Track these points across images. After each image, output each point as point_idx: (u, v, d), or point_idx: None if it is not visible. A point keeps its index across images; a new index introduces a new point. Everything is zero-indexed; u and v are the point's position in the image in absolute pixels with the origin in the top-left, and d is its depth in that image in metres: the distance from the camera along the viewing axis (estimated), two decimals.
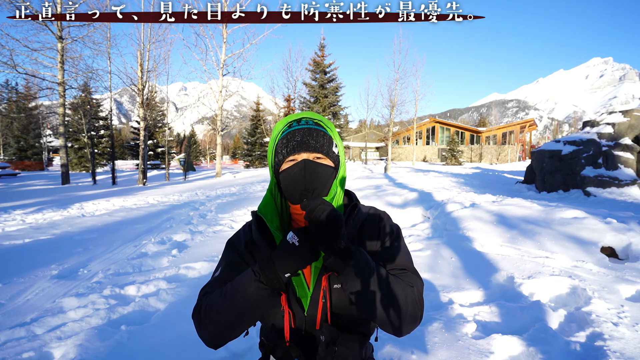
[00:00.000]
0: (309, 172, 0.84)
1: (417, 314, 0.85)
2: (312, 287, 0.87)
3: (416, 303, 0.85)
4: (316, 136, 0.88)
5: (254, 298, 0.79)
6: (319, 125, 0.92)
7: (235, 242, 0.97)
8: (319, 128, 0.90)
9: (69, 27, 14.17)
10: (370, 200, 6.93)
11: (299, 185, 0.85)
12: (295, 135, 0.87)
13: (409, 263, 0.92)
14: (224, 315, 0.82)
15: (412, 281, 0.87)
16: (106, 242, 4.55)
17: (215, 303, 0.84)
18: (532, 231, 3.92)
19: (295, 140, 0.87)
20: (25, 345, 2.03)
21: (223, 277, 0.91)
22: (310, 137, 0.87)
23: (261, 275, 0.77)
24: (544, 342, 1.95)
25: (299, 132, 0.88)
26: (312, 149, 0.86)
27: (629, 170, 8.64)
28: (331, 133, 0.93)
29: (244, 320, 0.82)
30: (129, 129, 57.64)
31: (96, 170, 22.28)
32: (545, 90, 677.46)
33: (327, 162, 0.88)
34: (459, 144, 34.70)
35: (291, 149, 0.86)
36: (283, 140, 0.89)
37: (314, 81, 29.70)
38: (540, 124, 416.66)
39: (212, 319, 0.83)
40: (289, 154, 0.86)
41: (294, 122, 0.91)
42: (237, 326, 0.83)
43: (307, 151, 0.86)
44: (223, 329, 0.83)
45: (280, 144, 0.89)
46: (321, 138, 0.88)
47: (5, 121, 33.32)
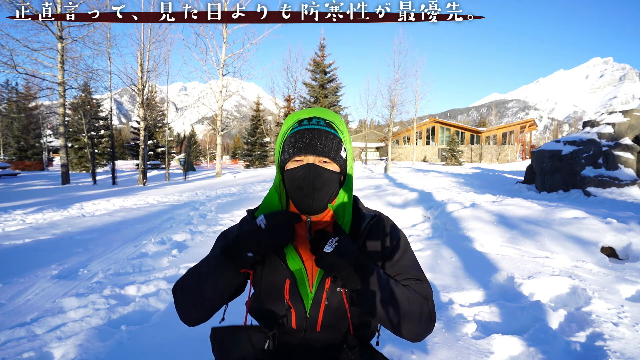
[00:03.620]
0: (312, 176, 0.84)
1: (430, 326, 0.87)
2: (315, 289, 0.87)
3: (429, 316, 0.86)
4: (325, 139, 0.85)
5: (217, 271, 0.83)
6: (330, 126, 0.89)
7: (228, 233, 0.99)
8: (329, 130, 0.87)
9: (69, 27, 14.17)
10: (371, 201, 6.93)
11: (302, 189, 0.85)
12: (304, 135, 0.85)
13: (421, 274, 0.92)
14: (192, 287, 0.87)
15: (427, 294, 0.88)
16: (106, 242, 4.55)
17: (187, 277, 0.89)
18: (532, 231, 3.92)
19: (303, 142, 0.85)
20: (25, 345, 2.03)
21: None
22: (319, 140, 0.85)
23: (224, 250, 0.83)
24: (544, 342, 1.95)
25: (308, 132, 0.86)
26: (319, 153, 0.84)
27: (629, 170, 8.64)
28: (342, 135, 0.90)
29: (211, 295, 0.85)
30: (129, 129, 57.65)
31: (96, 170, 22.27)
32: (545, 90, 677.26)
33: (333, 166, 0.87)
34: (459, 144, 34.68)
35: (298, 149, 0.85)
36: (291, 138, 0.87)
37: (314, 81, 29.70)
38: (540, 124, 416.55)
39: (184, 291, 0.88)
40: (295, 154, 0.85)
41: (305, 120, 0.89)
42: (204, 299, 0.86)
43: (314, 154, 0.84)
44: (193, 303, 0.87)
45: (288, 142, 0.87)
46: (330, 142, 0.86)
47: (5, 121, 33.32)
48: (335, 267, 0.78)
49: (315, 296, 0.86)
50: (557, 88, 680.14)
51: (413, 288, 0.87)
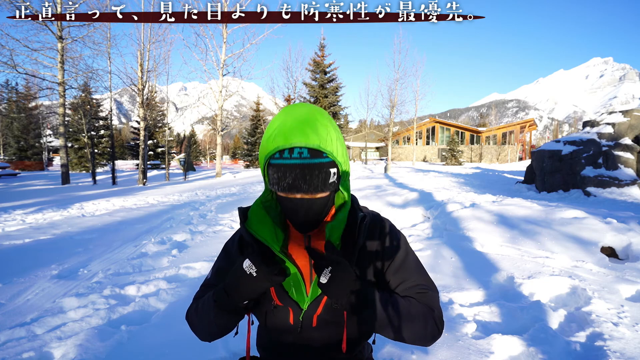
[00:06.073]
0: (303, 212, 0.80)
1: (437, 337, 0.86)
2: (312, 289, 0.87)
3: (435, 328, 0.85)
4: (309, 178, 0.76)
5: (215, 321, 0.85)
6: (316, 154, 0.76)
7: (229, 246, 0.97)
8: (313, 162, 0.76)
9: (69, 27, 14.17)
10: (371, 201, 6.93)
11: (294, 217, 0.82)
12: (285, 174, 0.76)
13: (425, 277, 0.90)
14: (200, 328, 0.92)
15: (433, 303, 0.86)
16: (106, 242, 4.55)
17: (193, 315, 0.93)
18: (532, 231, 3.92)
19: (286, 182, 0.76)
20: (25, 345, 2.03)
21: (212, 282, 0.97)
22: (303, 181, 0.76)
23: (217, 302, 0.83)
24: (544, 342, 1.95)
25: (290, 171, 0.75)
26: (305, 192, 0.77)
27: (629, 170, 8.64)
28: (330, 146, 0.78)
29: (216, 334, 0.90)
30: (129, 129, 57.64)
31: (96, 170, 22.28)
32: (545, 90, 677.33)
33: (323, 194, 0.81)
34: (459, 144, 34.69)
35: (282, 188, 0.78)
36: (273, 169, 0.78)
37: (314, 81, 29.69)
38: (540, 124, 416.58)
39: (193, 326, 0.93)
40: (280, 191, 0.79)
41: (286, 152, 0.76)
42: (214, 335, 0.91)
43: (300, 192, 0.78)
44: (204, 335, 0.92)
45: (271, 171, 0.79)
46: (315, 178, 0.76)
47: (5, 121, 33.30)
48: (332, 296, 0.76)
49: (316, 297, 0.86)
50: (557, 88, 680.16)
51: (418, 299, 0.85)
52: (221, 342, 2.04)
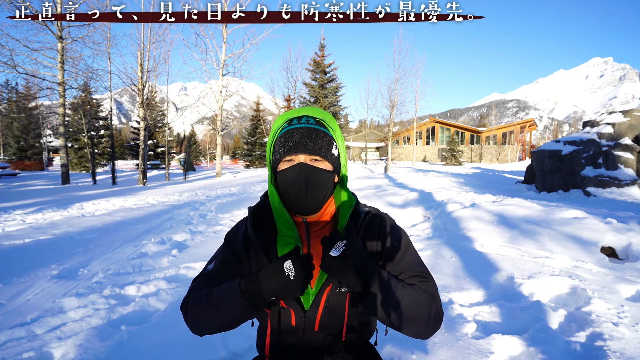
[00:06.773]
0: (304, 176, 0.83)
1: (438, 325, 0.86)
2: (317, 289, 0.87)
3: (437, 315, 0.85)
4: (315, 137, 0.85)
5: (238, 313, 0.81)
6: (320, 124, 0.89)
7: (233, 239, 0.97)
8: (319, 128, 0.87)
9: (69, 27, 14.17)
10: (371, 200, 6.93)
11: (295, 189, 0.84)
12: (293, 134, 0.85)
13: (425, 269, 0.91)
14: (208, 319, 0.85)
15: (433, 291, 0.87)
16: (106, 242, 4.55)
17: (201, 304, 0.86)
18: (532, 231, 3.92)
19: (293, 141, 0.84)
20: (25, 345, 2.03)
21: (215, 272, 0.93)
22: (309, 139, 0.84)
23: (245, 293, 0.79)
24: (544, 342, 1.95)
25: (298, 131, 0.85)
26: (310, 151, 0.84)
27: (629, 170, 8.64)
28: (333, 133, 0.90)
29: (227, 326, 0.86)
30: (129, 129, 57.63)
31: (96, 170, 22.28)
32: (545, 90, 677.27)
33: (325, 164, 0.86)
34: (459, 144, 34.69)
35: (288, 149, 0.84)
36: (281, 138, 0.86)
37: (314, 81, 29.70)
38: (540, 124, 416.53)
39: (197, 317, 0.87)
40: (285, 154, 0.85)
41: (295, 120, 0.88)
42: (219, 329, 0.87)
43: (304, 152, 0.83)
44: (206, 327, 0.87)
45: (279, 142, 0.87)
46: (320, 140, 0.85)
47: (5, 121, 33.30)
48: (337, 271, 0.76)
49: (316, 296, 0.86)
50: (557, 88, 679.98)
51: (420, 287, 0.85)
52: (221, 342, 2.04)
